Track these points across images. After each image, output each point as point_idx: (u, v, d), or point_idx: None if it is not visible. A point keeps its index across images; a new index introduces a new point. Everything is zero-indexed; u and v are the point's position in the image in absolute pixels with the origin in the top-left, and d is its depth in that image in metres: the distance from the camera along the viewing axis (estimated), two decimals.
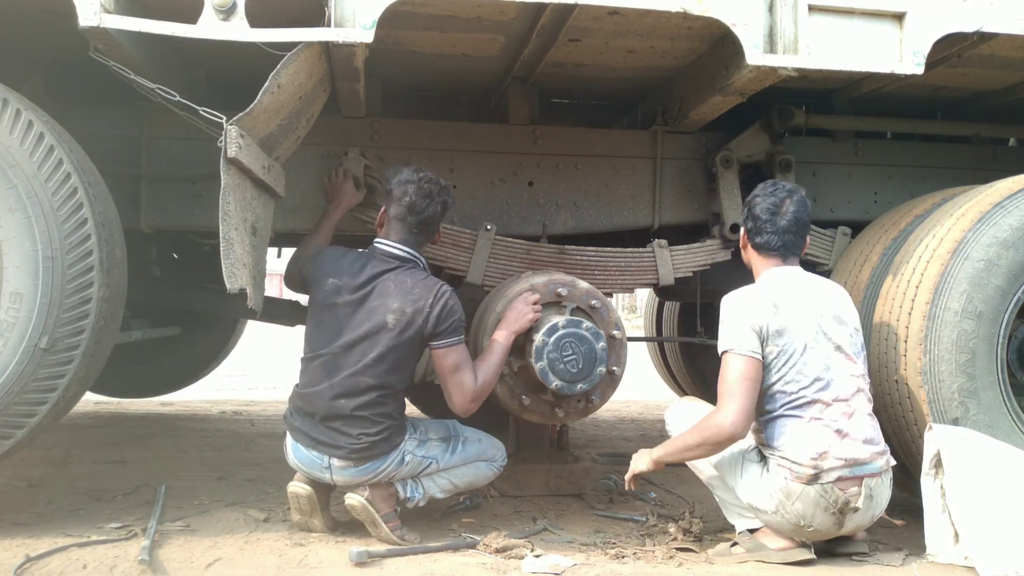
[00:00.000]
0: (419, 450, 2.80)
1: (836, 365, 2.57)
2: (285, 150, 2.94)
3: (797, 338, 2.56)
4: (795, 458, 2.51)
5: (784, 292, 2.64)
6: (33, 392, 2.52)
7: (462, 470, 2.90)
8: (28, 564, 2.38)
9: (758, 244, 2.74)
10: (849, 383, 2.57)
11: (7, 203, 2.49)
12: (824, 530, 2.56)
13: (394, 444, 2.73)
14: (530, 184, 3.55)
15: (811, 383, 2.54)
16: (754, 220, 2.74)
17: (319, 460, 2.72)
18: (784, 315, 2.58)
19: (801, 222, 2.73)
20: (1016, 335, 2.93)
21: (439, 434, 2.89)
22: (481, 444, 2.95)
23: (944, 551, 2.60)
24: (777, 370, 2.57)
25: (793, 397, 2.55)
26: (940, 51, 2.86)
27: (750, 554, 2.62)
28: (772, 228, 2.70)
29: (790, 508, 2.52)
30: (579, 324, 2.85)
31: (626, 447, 4.66)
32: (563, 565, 2.50)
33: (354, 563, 2.47)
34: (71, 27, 2.39)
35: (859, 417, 2.56)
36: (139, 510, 3.00)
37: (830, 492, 2.49)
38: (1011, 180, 2.94)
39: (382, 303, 2.72)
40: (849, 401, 2.56)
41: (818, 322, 2.60)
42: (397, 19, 2.64)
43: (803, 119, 3.61)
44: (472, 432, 2.96)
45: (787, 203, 2.72)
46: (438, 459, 2.83)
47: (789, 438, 2.54)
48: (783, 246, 2.71)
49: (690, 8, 2.60)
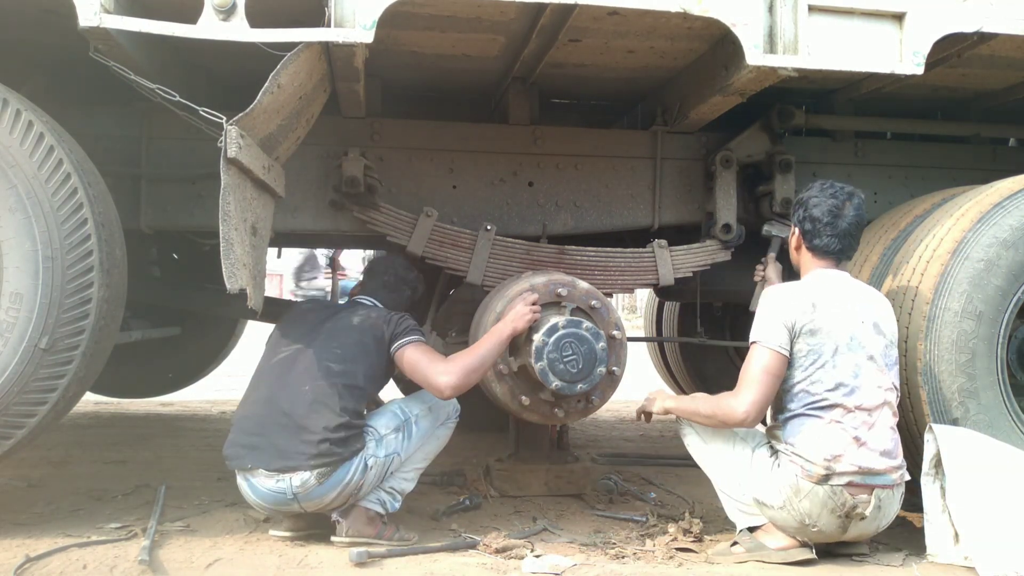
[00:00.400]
0: (380, 450, 2.71)
1: (865, 373, 2.56)
2: (285, 150, 2.94)
3: (830, 340, 2.57)
4: (809, 456, 2.52)
5: (826, 293, 2.64)
6: (33, 392, 2.52)
7: (424, 449, 2.87)
8: (28, 564, 2.38)
9: (816, 246, 2.72)
10: (875, 394, 2.56)
11: (7, 203, 2.50)
12: (828, 532, 2.55)
13: (355, 450, 2.64)
14: (530, 184, 3.54)
15: (836, 387, 2.54)
16: (813, 222, 2.71)
17: (281, 489, 2.59)
18: (821, 315, 2.58)
19: (861, 225, 2.74)
20: (1016, 335, 2.93)
21: (392, 425, 2.78)
22: (432, 413, 2.89)
23: (944, 551, 2.60)
24: (804, 368, 2.58)
25: (817, 398, 2.55)
26: (940, 51, 2.85)
27: (750, 554, 2.61)
28: (832, 231, 2.68)
29: (797, 505, 2.52)
30: (579, 324, 2.84)
31: (626, 447, 4.66)
32: (563, 565, 2.50)
33: (354, 563, 2.47)
34: (71, 27, 2.39)
35: (880, 429, 2.55)
36: (139, 510, 3.00)
37: (839, 495, 2.49)
38: (1011, 180, 2.94)
39: (345, 318, 2.88)
40: (872, 411, 2.55)
41: (855, 328, 2.59)
42: (397, 19, 2.64)
43: (803, 119, 3.61)
44: (417, 405, 2.88)
45: (847, 206, 2.70)
46: (399, 451, 2.77)
47: (806, 437, 2.54)
48: (841, 250, 2.72)
49: (690, 8, 2.60)
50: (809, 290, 2.66)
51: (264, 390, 2.77)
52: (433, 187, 3.48)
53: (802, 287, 2.69)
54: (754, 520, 2.70)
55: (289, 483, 2.57)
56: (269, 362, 2.85)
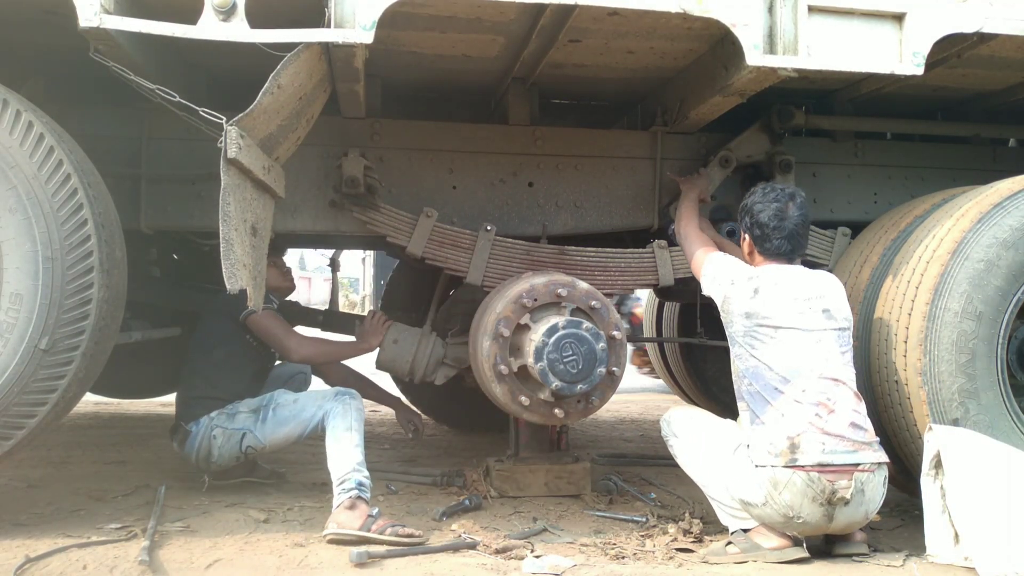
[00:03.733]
0: (230, 423, 3.17)
1: (816, 357, 2.63)
2: (285, 151, 2.94)
3: (774, 325, 2.64)
4: (771, 437, 2.57)
5: (771, 280, 2.71)
6: (33, 393, 2.52)
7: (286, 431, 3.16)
8: (28, 564, 2.38)
9: (767, 250, 2.81)
10: (829, 376, 2.62)
11: (7, 204, 2.50)
12: (814, 522, 2.56)
13: (199, 413, 3.21)
14: (530, 185, 3.54)
15: (787, 371, 2.61)
16: (761, 228, 2.79)
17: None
18: (763, 301, 2.67)
19: (807, 223, 2.83)
20: (1016, 335, 2.93)
21: (250, 406, 3.21)
22: (297, 404, 3.16)
23: (944, 552, 2.60)
24: (753, 354, 2.67)
25: (770, 382, 2.62)
26: (940, 52, 2.85)
27: (745, 554, 2.62)
28: (780, 234, 2.77)
29: (778, 499, 2.54)
30: (579, 325, 2.85)
31: (626, 447, 4.66)
32: (563, 565, 2.50)
33: (354, 564, 2.47)
34: (71, 28, 2.39)
35: (842, 410, 2.59)
36: (139, 510, 3.00)
37: (817, 481, 2.50)
38: (1011, 180, 2.94)
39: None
40: (829, 394, 2.60)
41: (802, 314, 2.66)
42: (397, 20, 2.64)
43: (803, 120, 3.61)
44: (287, 395, 3.21)
45: (791, 207, 2.78)
46: (252, 430, 3.16)
47: (769, 417, 2.61)
48: (792, 250, 2.80)
49: (690, 9, 2.60)
50: (755, 276, 2.74)
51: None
52: (433, 187, 3.48)
53: (750, 270, 2.79)
54: (746, 523, 2.70)
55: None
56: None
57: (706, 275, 2.92)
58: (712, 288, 2.87)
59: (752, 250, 2.86)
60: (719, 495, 2.75)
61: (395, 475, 3.65)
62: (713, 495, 2.79)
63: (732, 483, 2.67)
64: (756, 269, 2.80)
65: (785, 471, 2.52)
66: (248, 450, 3.19)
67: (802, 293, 2.70)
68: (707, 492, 2.82)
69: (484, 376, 2.97)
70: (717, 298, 2.83)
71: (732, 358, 2.77)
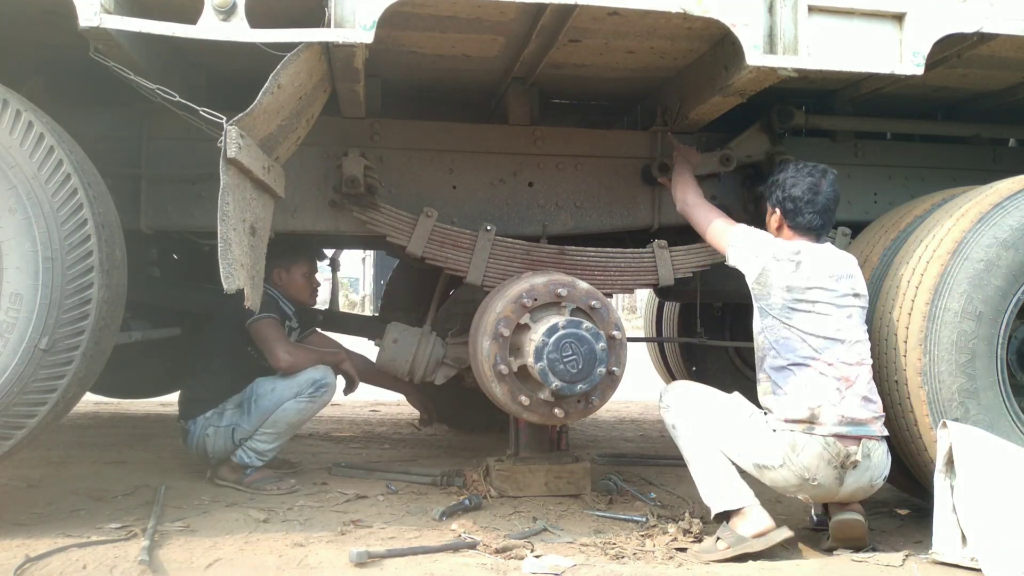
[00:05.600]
0: (221, 421, 3.39)
1: (846, 331, 2.72)
2: (285, 150, 2.94)
3: (819, 297, 2.72)
4: (794, 405, 2.68)
5: (810, 255, 2.78)
6: (33, 393, 2.52)
7: (273, 419, 3.36)
8: (28, 564, 2.38)
9: (798, 224, 2.87)
10: (855, 349, 2.72)
11: (7, 204, 2.49)
12: (827, 486, 2.65)
13: (195, 413, 3.44)
14: (530, 185, 3.54)
15: (819, 341, 2.69)
16: (794, 201, 2.85)
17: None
18: (803, 274, 2.75)
19: (837, 200, 2.91)
20: (1016, 335, 2.93)
21: (235, 402, 3.43)
22: (275, 392, 3.37)
23: (951, 551, 2.59)
24: (786, 323, 2.74)
25: (801, 352, 2.70)
26: (940, 52, 2.85)
27: (733, 548, 2.63)
28: (813, 208, 2.84)
29: (796, 461, 2.64)
30: (579, 324, 2.85)
31: (626, 447, 4.66)
32: (563, 565, 2.51)
33: (354, 563, 2.47)
34: (71, 28, 2.39)
35: (860, 383, 2.70)
36: (139, 510, 3.00)
37: (832, 445, 2.62)
38: (1011, 180, 2.94)
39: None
40: (853, 366, 2.70)
41: (837, 289, 2.75)
42: (397, 20, 2.64)
43: (803, 120, 3.61)
44: (267, 384, 3.40)
45: (824, 182, 2.86)
46: (240, 423, 3.38)
47: (792, 387, 2.70)
48: (822, 225, 2.86)
49: (690, 9, 2.60)
50: (799, 251, 2.79)
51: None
52: (433, 187, 3.48)
53: (791, 244, 2.83)
54: (731, 503, 2.71)
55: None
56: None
57: (735, 247, 2.95)
58: (745, 260, 2.89)
59: (782, 224, 2.91)
60: (733, 454, 2.77)
61: (395, 475, 3.65)
62: (713, 472, 2.78)
63: (747, 446, 2.74)
64: (795, 243, 2.84)
65: (803, 436, 2.64)
66: (240, 441, 3.40)
67: (836, 271, 2.78)
68: (704, 470, 2.80)
69: (484, 376, 2.97)
70: (751, 270, 2.85)
71: (758, 332, 2.83)
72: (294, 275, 3.69)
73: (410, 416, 5.45)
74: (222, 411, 3.43)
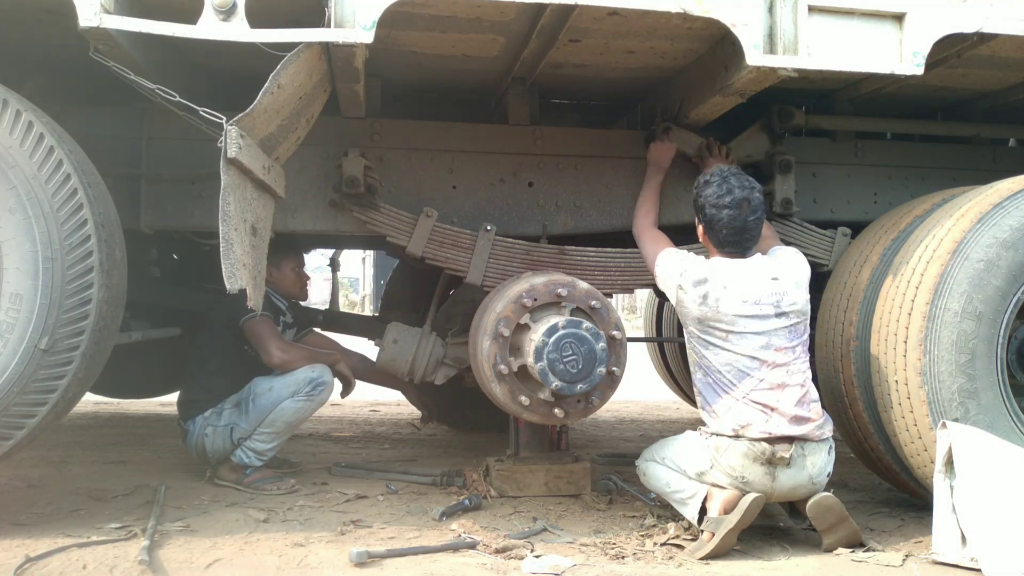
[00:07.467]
0: (219, 420, 3.42)
1: (767, 354, 2.72)
2: (285, 150, 2.94)
3: (731, 327, 2.73)
4: (721, 424, 2.74)
5: (722, 283, 2.76)
6: (33, 393, 2.52)
7: (271, 419, 3.37)
8: (28, 564, 2.38)
9: (719, 241, 2.86)
10: (775, 375, 2.71)
11: (7, 204, 2.50)
12: (757, 482, 2.69)
13: (194, 413, 3.46)
14: (530, 185, 3.54)
15: (736, 372, 2.72)
16: (713, 221, 2.83)
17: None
18: (714, 306, 2.74)
19: (761, 220, 2.88)
20: (1016, 336, 2.93)
21: (233, 401, 3.44)
22: (272, 391, 3.38)
23: (951, 551, 2.59)
24: (707, 346, 2.78)
25: (722, 380, 2.75)
26: (940, 52, 2.85)
27: (717, 535, 2.65)
28: (731, 229, 2.80)
29: (722, 461, 2.72)
30: (579, 325, 2.85)
31: (626, 447, 4.66)
32: (563, 565, 2.51)
33: (354, 563, 2.47)
34: (71, 27, 2.39)
35: (785, 405, 2.70)
36: (139, 510, 3.00)
37: (756, 445, 2.68)
38: (1011, 180, 2.94)
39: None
40: (774, 391, 2.71)
41: (754, 315, 2.73)
42: (397, 20, 2.64)
43: (803, 120, 3.61)
44: (264, 384, 3.42)
45: (745, 205, 2.81)
46: (238, 422, 3.39)
47: (718, 407, 2.77)
48: (741, 243, 2.84)
49: (690, 9, 2.60)
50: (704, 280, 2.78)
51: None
52: (433, 187, 3.48)
53: (698, 272, 2.81)
54: (696, 500, 2.78)
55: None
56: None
57: (658, 276, 3.02)
58: (665, 288, 2.98)
59: (705, 238, 2.92)
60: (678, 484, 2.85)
61: (395, 475, 3.65)
62: (673, 488, 2.88)
63: (684, 458, 2.84)
64: (705, 268, 2.83)
65: (726, 439, 2.71)
66: (239, 441, 3.41)
67: (752, 295, 2.75)
68: (669, 491, 2.91)
69: (484, 376, 2.97)
70: (671, 297, 2.91)
71: (688, 350, 2.89)
72: (284, 270, 3.70)
73: (410, 416, 5.45)
74: (220, 411, 3.45)
